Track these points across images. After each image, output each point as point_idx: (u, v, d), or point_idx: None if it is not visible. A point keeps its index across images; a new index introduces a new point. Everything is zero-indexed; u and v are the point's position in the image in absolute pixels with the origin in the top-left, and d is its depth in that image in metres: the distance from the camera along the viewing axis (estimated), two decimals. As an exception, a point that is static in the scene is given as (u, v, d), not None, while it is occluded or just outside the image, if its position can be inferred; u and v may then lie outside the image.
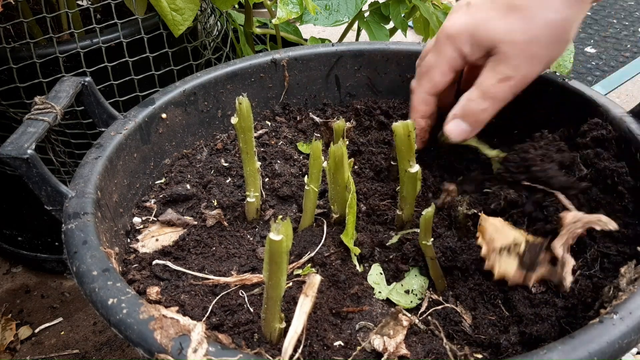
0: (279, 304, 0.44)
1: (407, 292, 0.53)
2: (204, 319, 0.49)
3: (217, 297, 0.52)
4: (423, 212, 0.49)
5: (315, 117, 0.77)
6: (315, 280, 0.44)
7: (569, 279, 0.47)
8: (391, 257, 0.56)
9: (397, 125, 0.53)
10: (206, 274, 0.55)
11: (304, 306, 0.43)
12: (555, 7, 0.53)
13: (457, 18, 0.57)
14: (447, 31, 0.58)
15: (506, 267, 0.49)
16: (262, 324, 0.47)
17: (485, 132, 0.60)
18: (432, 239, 0.51)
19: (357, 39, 1.24)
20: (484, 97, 0.57)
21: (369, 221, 0.61)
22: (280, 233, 0.38)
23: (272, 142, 0.73)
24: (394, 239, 0.57)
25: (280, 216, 0.60)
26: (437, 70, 0.60)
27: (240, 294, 0.53)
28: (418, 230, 0.57)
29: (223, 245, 0.59)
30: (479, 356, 0.46)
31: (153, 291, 0.52)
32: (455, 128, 0.59)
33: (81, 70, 0.89)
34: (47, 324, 1.08)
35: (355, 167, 0.69)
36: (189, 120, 0.71)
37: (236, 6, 1.19)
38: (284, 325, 0.47)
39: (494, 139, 0.64)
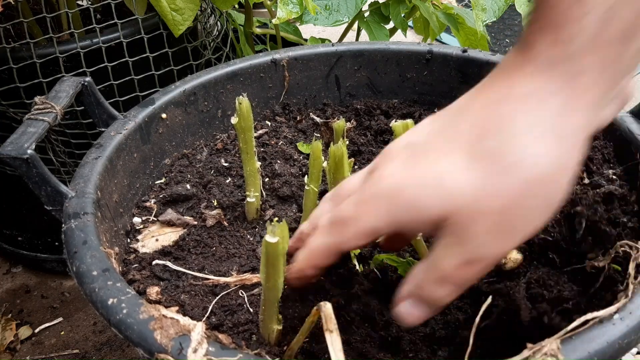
0: (277, 306, 0.44)
1: None
2: (204, 319, 0.49)
3: (217, 297, 0.52)
4: None
5: (315, 117, 0.77)
6: (328, 310, 0.39)
7: None
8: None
9: (397, 125, 0.52)
10: (206, 274, 0.55)
11: (335, 344, 0.37)
12: (542, 145, 0.33)
13: (392, 171, 0.38)
14: (378, 188, 0.38)
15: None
16: (260, 325, 0.47)
17: None
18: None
19: (357, 39, 1.24)
20: (443, 281, 0.37)
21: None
22: (276, 235, 0.38)
23: (272, 142, 0.73)
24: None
25: (276, 218, 0.60)
26: (352, 231, 0.39)
27: (240, 294, 0.53)
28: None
29: (223, 245, 0.59)
30: None
31: (153, 291, 0.52)
32: (409, 312, 0.39)
33: (81, 70, 0.89)
34: (47, 324, 1.08)
35: (355, 167, 0.69)
36: (189, 120, 0.71)
37: (236, 6, 1.19)
38: (281, 326, 0.47)
39: None
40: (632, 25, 0.32)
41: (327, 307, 0.39)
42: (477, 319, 0.40)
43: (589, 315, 0.38)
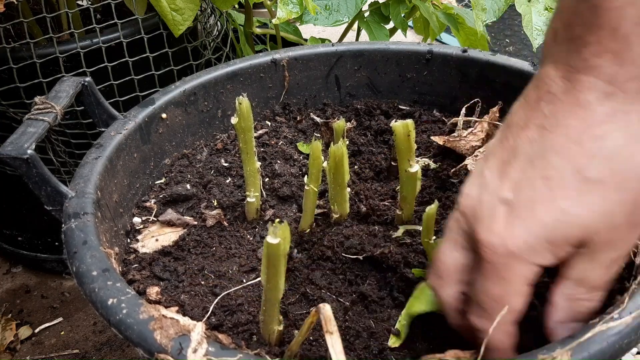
0: (278, 307, 0.44)
1: None
2: (204, 319, 0.49)
3: (218, 298, 0.52)
4: (426, 209, 0.49)
5: (315, 117, 0.77)
6: (328, 311, 0.39)
7: None
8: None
9: (397, 125, 0.52)
10: (206, 274, 0.55)
11: (335, 346, 0.37)
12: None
13: (508, 228, 0.38)
14: (508, 248, 0.37)
15: None
16: (261, 326, 0.47)
17: None
18: (434, 237, 0.51)
19: (357, 39, 1.24)
20: (594, 290, 0.40)
21: (369, 221, 0.61)
22: (277, 236, 0.38)
23: (272, 142, 0.73)
24: (399, 232, 0.57)
25: (278, 219, 0.60)
26: (514, 297, 0.39)
27: (240, 294, 0.53)
28: (420, 228, 0.57)
29: (223, 245, 0.59)
30: None
31: (153, 291, 0.52)
32: (566, 332, 0.41)
33: (81, 70, 0.89)
34: (47, 324, 1.08)
35: (355, 167, 0.69)
36: (189, 120, 0.71)
37: (236, 6, 1.19)
38: (282, 327, 0.47)
39: None
40: None
41: (326, 309, 0.38)
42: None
43: (603, 326, 0.38)
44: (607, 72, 0.35)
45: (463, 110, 0.69)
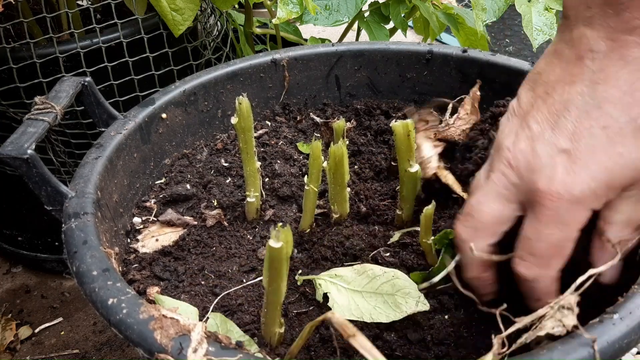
0: (279, 309, 0.44)
1: None
2: (204, 319, 0.49)
3: (218, 298, 0.52)
4: (424, 210, 0.49)
5: (315, 117, 0.77)
6: (339, 318, 0.38)
7: None
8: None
9: (397, 125, 0.53)
10: (206, 273, 0.55)
11: (364, 344, 0.37)
12: None
13: (571, 175, 0.39)
14: (573, 194, 0.39)
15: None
16: (262, 328, 0.47)
17: None
18: (432, 237, 0.51)
19: (357, 39, 1.24)
20: (638, 230, 0.43)
21: (369, 221, 0.61)
22: (280, 240, 0.38)
23: (272, 142, 0.73)
24: (395, 237, 0.57)
25: (280, 223, 0.60)
26: (570, 243, 0.41)
27: (241, 294, 0.53)
28: (418, 229, 0.57)
29: (223, 245, 0.59)
30: None
31: (153, 291, 0.52)
32: (616, 274, 0.45)
33: (81, 70, 0.89)
34: (47, 324, 1.08)
35: (355, 167, 0.69)
36: (189, 120, 0.71)
37: (236, 6, 1.19)
38: (283, 330, 0.47)
39: None
40: None
41: (336, 317, 0.38)
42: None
43: (603, 326, 0.39)
44: None
45: (450, 105, 0.69)
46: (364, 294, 0.49)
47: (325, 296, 0.50)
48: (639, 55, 0.38)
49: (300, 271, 0.55)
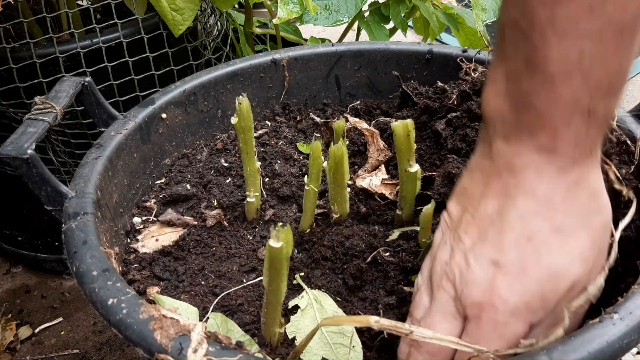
0: (279, 309, 0.44)
1: None
2: (204, 319, 0.49)
3: (218, 298, 0.52)
4: (423, 209, 0.49)
5: (315, 117, 0.77)
6: (385, 321, 0.38)
7: None
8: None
9: (397, 125, 0.53)
10: (206, 273, 0.55)
11: (427, 334, 0.38)
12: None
13: (505, 288, 0.40)
14: (507, 306, 0.40)
15: None
16: (262, 328, 0.47)
17: None
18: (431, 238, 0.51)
19: (357, 39, 1.24)
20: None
21: (369, 221, 0.61)
22: (280, 240, 0.38)
23: (272, 142, 0.73)
24: (394, 235, 0.57)
25: (281, 223, 0.60)
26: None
27: (241, 294, 0.53)
28: (417, 228, 0.57)
29: (223, 245, 0.59)
30: None
31: (153, 291, 0.52)
32: None
33: (81, 70, 0.89)
34: (47, 324, 1.08)
35: (355, 167, 0.69)
36: (189, 120, 0.71)
37: (236, 6, 1.19)
38: (283, 330, 0.47)
39: None
40: (607, 110, 0.40)
41: (382, 322, 0.38)
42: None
43: (603, 326, 0.39)
44: (561, 150, 0.40)
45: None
46: None
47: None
48: (554, 171, 0.40)
49: (302, 273, 0.55)
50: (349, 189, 0.59)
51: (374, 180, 0.64)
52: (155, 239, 0.59)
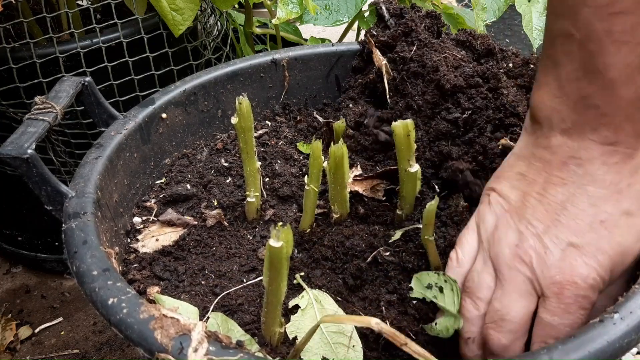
0: (279, 309, 0.44)
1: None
2: (204, 318, 0.49)
3: (218, 298, 0.52)
4: (427, 206, 0.49)
5: (318, 117, 0.77)
6: (386, 327, 0.39)
7: None
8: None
9: (397, 125, 0.52)
10: (206, 273, 0.55)
11: (418, 351, 0.39)
12: None
13: (584, 266, 0.43)
14: (587, 283, 0.43)
15: None
16: (262, 327, 0.47)
17: None
18: (434, 235, 0.51)
19: (357, 39, 1.24)
20: None
21: (369, 221, 0.61)
22: (280, 239, 0.38)
23: (272, 142, 0.73)
24: (397, 235, 0.57)
25: (281, 223, 0.60)
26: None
27: (241, 294, 0.53)
28: (419, 226, 0.57)
29: (223, 245, 0.59)
30: None
31: (153, 291, 0.52)
32: None
33: (81, 70, 0.89)
34: (47, 324, 1.08)
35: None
36: (189, 120, 0.71)
37: (236, 6, 1.19)
38: (283, 329, 0.47)
39: None
40: None
41: (382, 326, 0.39)
42: None
43: (603, 326, 0.39)
44: (623, 141, 0.43)
45: None
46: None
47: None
48: (618, 160, 0.44)
49: (302, 273, 0.55)
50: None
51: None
52: (155, 238, 0.59)
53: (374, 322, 0.38)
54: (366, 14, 1.12)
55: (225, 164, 0.70)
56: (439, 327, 0.48)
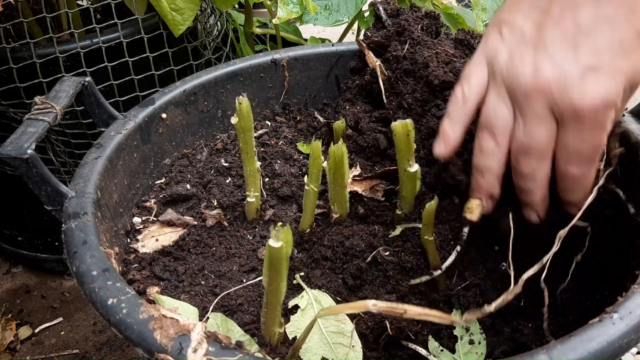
0: (279, 309, 0.44)
1: None
2: (204, 319, 0.49)
3: (218, 298, 0.52)
4: (426, 205, 0.49)
5: (319, 117, 0.77)
6: (380, 304, 0.39)
7: None
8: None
9: (397, 125, 0.52)
10: (206, 273, 0.55)
11: (426, 311, 0.39)
12: None
13: (602, 86, 0.45)
14: (607, 100, 0.45)
15: None
16: (262, 328, 0.47)
17: None
18: (434, 236, 0.51)
19: (357, 39, 1.24)
20: None
21: (369, 221, 0.61)
22: (280, 240, 0.38)
23: (272, 142, 0.73)
24: (397, 231, 0.57)
25: (280, 223, 0.60)
26: (603, 145, 0.50)
27: (240, 294, 0.53)
28: (419, 226, 0.57)
29: (223, 245, 0.59)
30: None
31: (153, 291, 0.52)
32: None
33: (81, 70, 0.89)
34: (47, 324, 1.08)
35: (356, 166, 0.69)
36: (189, 120, 0.71)
37: (236, 6, 1.19)
38: (283, 329, 0.46)
39: None
40: None
41: (378, 305, 0.39)
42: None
43: (603, 326, 0.39)
44: None
45: None
46: None
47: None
48: None
49: (302, 273, 0.55)
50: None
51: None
52: (155, 239, 0.59)
53: (371, 304, 0.39)
54: (366, 14, 1.12)
55: (225, 164, 0.70)
56: None
